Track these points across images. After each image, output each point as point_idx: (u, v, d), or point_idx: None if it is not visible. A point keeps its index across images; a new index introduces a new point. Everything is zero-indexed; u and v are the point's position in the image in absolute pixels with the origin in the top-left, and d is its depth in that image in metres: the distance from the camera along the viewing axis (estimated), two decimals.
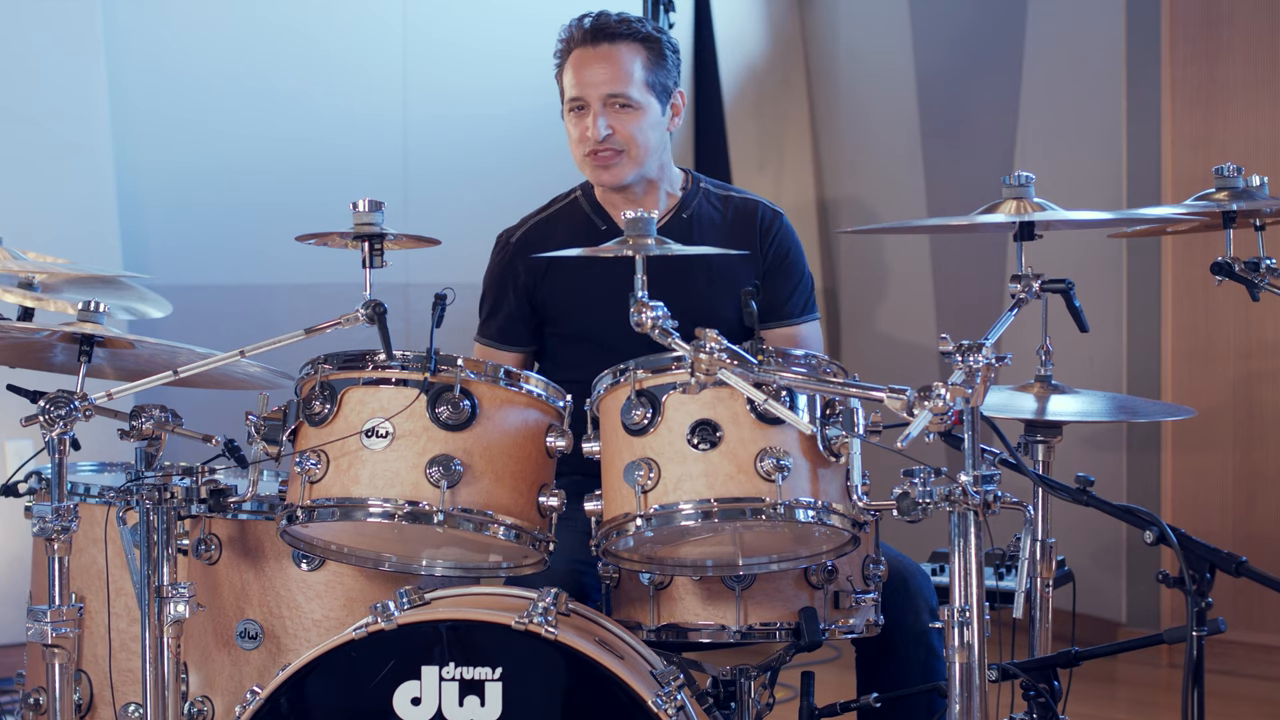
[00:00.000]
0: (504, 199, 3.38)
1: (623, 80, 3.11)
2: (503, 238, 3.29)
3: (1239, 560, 2.47)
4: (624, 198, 3.18)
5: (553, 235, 3.22)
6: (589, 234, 3.18)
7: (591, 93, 3.11)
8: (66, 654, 2.50)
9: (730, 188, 3.33)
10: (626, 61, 3.13)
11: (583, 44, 3.14)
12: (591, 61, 3.12)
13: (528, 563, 2.60)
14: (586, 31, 3.14)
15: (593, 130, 3.10)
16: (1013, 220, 2.62)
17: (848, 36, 6.43)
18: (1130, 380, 5.24)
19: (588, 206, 3.25)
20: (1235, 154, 4.74)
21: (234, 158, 5.36)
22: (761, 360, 2.35)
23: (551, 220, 3.27)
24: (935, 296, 5.96)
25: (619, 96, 3.11)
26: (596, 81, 3.11)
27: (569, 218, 3.26)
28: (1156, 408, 3.34)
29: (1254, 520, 4.99)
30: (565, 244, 3.09)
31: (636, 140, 3.12)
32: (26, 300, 2.90)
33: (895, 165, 6.18)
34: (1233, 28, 5.02)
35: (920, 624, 2.88)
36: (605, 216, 3.22)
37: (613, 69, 3.12)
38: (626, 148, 3.11)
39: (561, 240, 3.16)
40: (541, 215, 3.29)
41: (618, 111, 3.11)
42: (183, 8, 5.37)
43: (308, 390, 2.52)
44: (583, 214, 3.24)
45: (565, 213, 3.28)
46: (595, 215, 3.23)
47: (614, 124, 3.10)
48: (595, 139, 3.10)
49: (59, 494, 2.49)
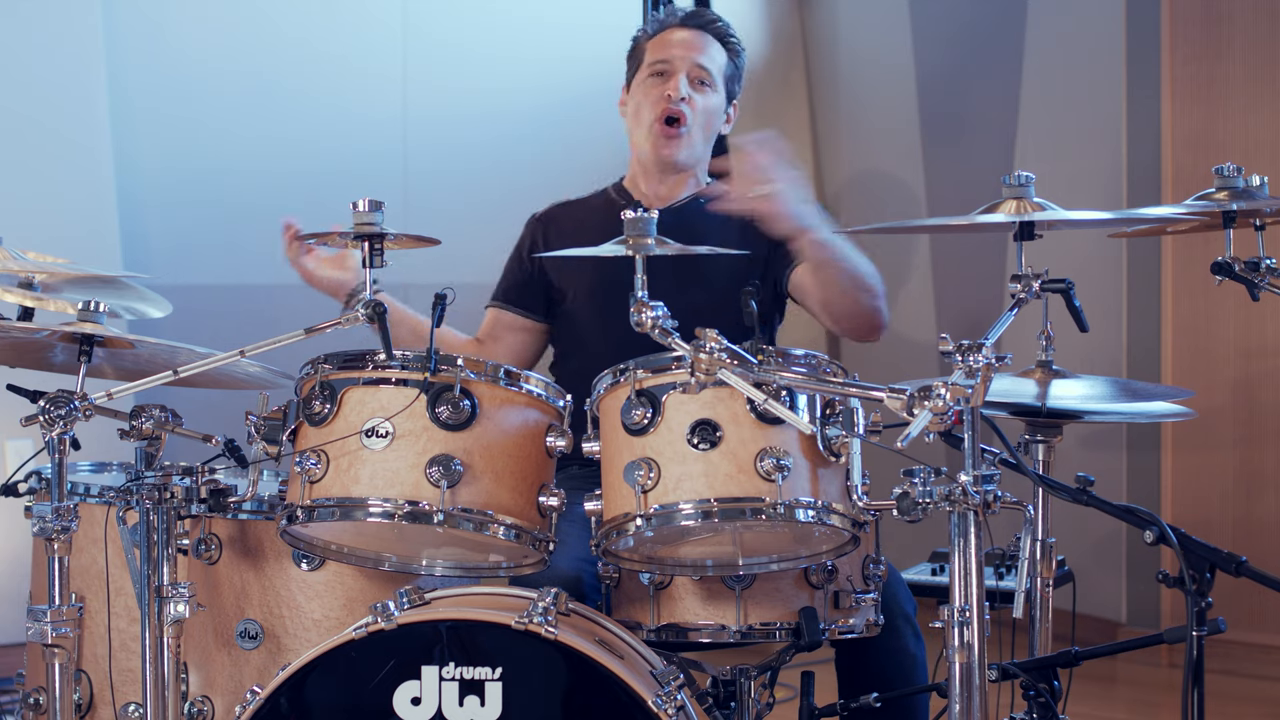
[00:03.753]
0: (504, 199, 3.41)
1: (710, 59, 3.29)
2: (531, 217, 3.47)
3: (1239, 560, 2.47)
4: (655, 180, 3.33)
5: (575, 214, 3.40)
6: (610, 214, 3.22)
7: (680, 56, 3.28)
8: (66, 654, 2.50)
9: None
10: (715, 49, 3.32)
11: (678, 26, 3.33)
12: (685, 37, 3.31)
13: (528, 563, 2.60)
14: (686, 16, 3.35)
15: (674, 90, 3.24)
16: (1013, 220, 2.62)
17: (848, 36, 6.43)
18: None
19: (615, 194, 3.40)
20: (1235, 154, 4.76)
21: (234, 158, 5.36)
22: (761, 360, 2.35)
23: (578, 203, 3.45)
24: (935, 296, 5.96)
25: (704, 70, 3.28)
26: (687, 50, 3.28)
27: (596, 201, 3.42)
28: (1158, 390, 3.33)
29: (1254, 520, 4.99)
30: (585, 222, 3.32)
31: (706, 119, 3.29)
32: (26, 300, 2.89)
33: (895, 165, 6.18)
34: (1232, 27, 5.02)
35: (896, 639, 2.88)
36: (629, 199, 3.36)
37: (703, 47, 3.30)
38: (695, 121, 3.26)
39: (582, 218, 3.36)
40: (569, 199, 3.46)
41: (698, 86, 3.27)
42: (183, 8, 5.37)
43: (308, 390, 2.52)
44: (609, 199, 3.39)
45: (593, 199, 3.44)
46: (620, 198, 3.36)
47: (692, 94, 3.26)
48: (676, 96, 3.23)
49: (59, 494, 2.49)
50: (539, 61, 5.79)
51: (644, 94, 3.30)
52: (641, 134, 3.31)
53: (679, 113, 3.25)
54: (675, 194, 3.34)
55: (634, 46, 3.39)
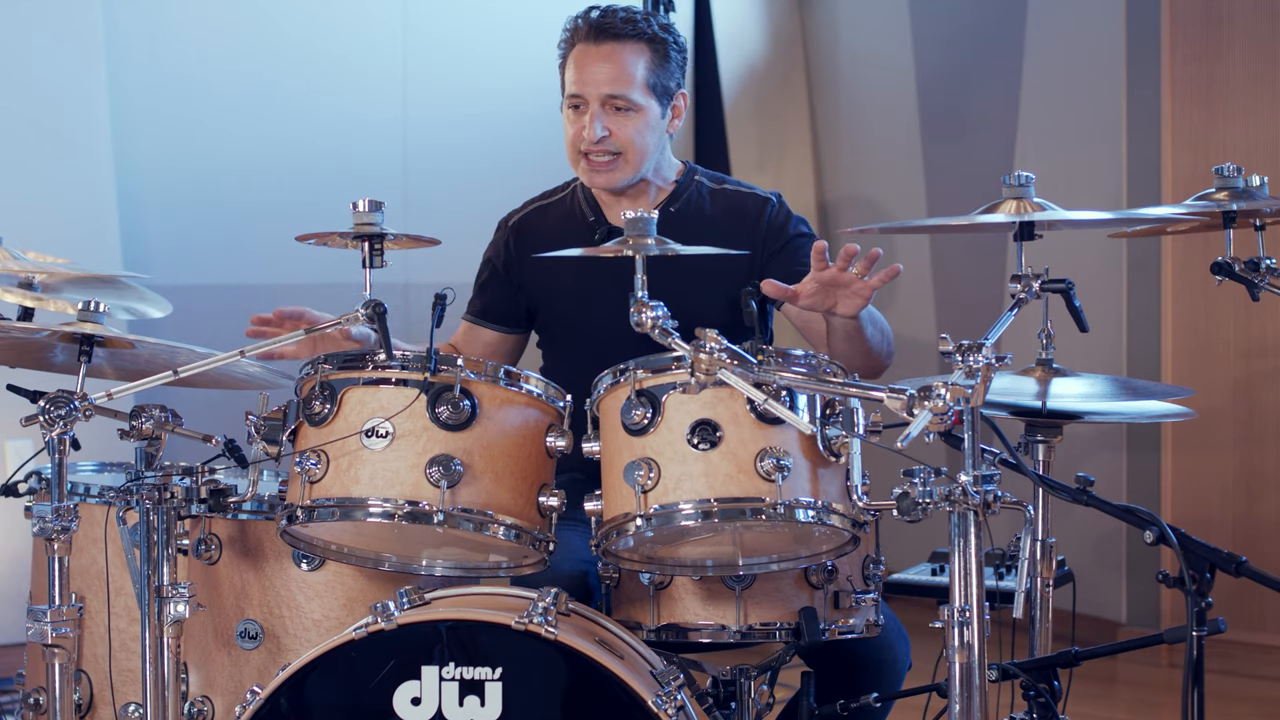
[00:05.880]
0: (504, 199, 3.39)
1: (624, 81, 3.05)
2: (503, 221, 3.32)
3: (1239, 560, 2.47)
4: (613, 194, 3.17)
5: (545, 222, 3.25)
6: (578, 224, 3.20)
7: (591, 91, 3.06)
8: (66, 654, 2.50)
9: (727, 180, 3.26)
10: (629, 62, 3.06)
11: (586, 40, 3.08)
12: (593, 59, 3.07)
13: (528, 563, 2.59)
14: (591, 27, 3.08)
15: (589, 131, 3.05)
16: (1013, 220, 2.62)
17: (848, 36, 6.43)
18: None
19: (581, 197, 3.24)
20: (1235, 154, 4.75)
21: (234, 158, 5.36)
22: (761, 360, 2.35)
23: (547, 208, 3.29)
24: (935, 296, 5.96)
25: (619, 98, 3.05)
26: (597, 81, 3.05)
27: (563, 206, 3.27)
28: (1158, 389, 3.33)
29: (1254, 520, 4.99)
30: (555, 232, 3.18)
31: (634, 144, 3.07)
32: (26, 300, 2.89)
33: (895, 165, 6.18)
34: (1233, 28, 5.02)
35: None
36: (595, 208, 3.21)
37: (614, 68, 3.06)
38: (624, 151, 3.07)
39: (552, 227, 3.21)
40: (540, 203, 3.31)
41: (616, 114, 3.06)
42: (183, 8, 5.37)
43: (308, 390, 2.52)
44: (576, 204, 3.24)
45: (561, 202, 3.28)
46: (587, 206, 3.22)
47: (611, 126, 3.06)
48: (591, 139, 3.06)
49: (59, 494, 2.49)
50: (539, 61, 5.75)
51: (567, 123, 3.11)
52: (574, 164, 3.13)
53: (603, 151, 3.06)
54: (642, 205, 3.14)
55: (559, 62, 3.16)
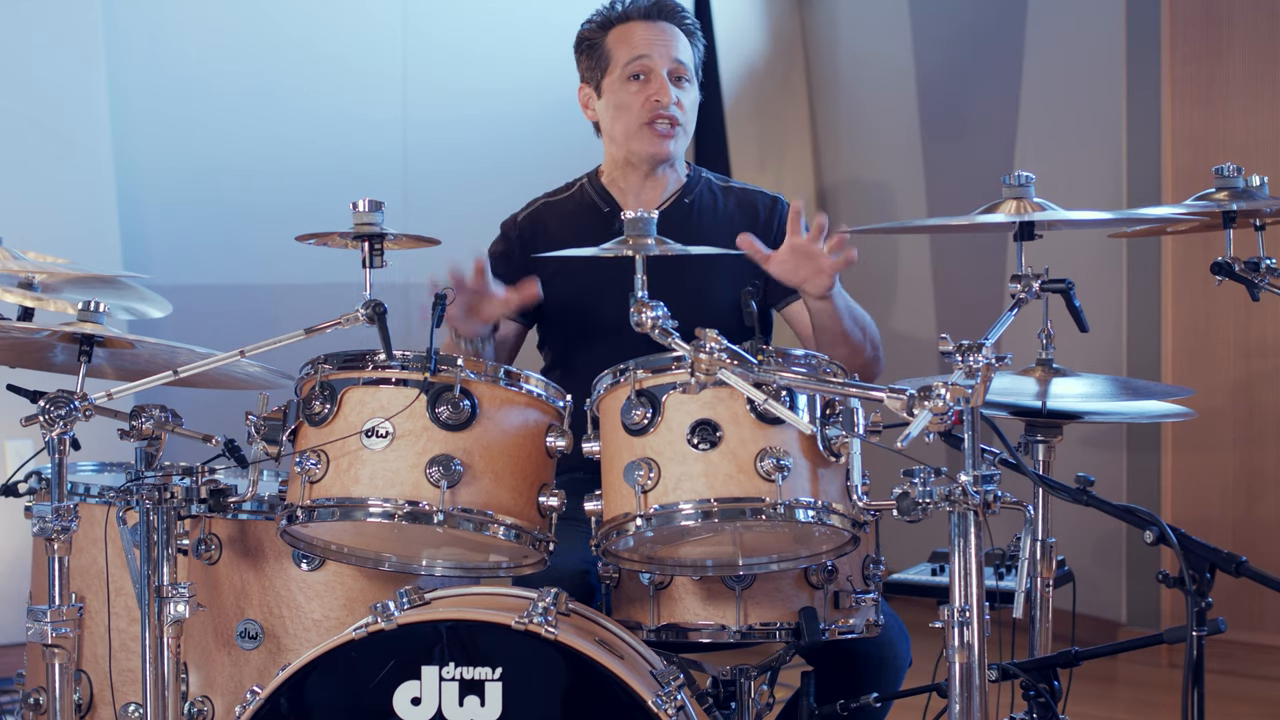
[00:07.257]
0: (504, 199, 3.38)
1: (683, 53, 3.18)
2: (508, 221, 3.31)
3: (1239, 560, 2.47)
4: (639, 176, 3.21)
5: (557, 215, 3.26)
6: (593, 217, 3.21)
7: (661, 55, 3.14)
8: (66, 654, 2.50)
9: (731, 180, 3.35)
10: (683, 43, 3.19)
11: (642, 18, 3.17)
12: (654, 33, 3.16)
13: (528, 563, 2.59)
14: (648, 7, 3.18)
15: (665, 95, 3.12)
16: (1013, 220, 2.62)
17: (848, 36, 6.43)
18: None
19: (592, 190, 3.27)
20: (1235, 154, 4.75)
21: (234, 158, 5.36)
22: (761, 360, 2.35)
23: (555, 204, 3.30)
24: (935, 296, 5.96)
25: (682, 65, 3.17)
26: (664, 50, 3.15)
27: (573, 202, 3.29)
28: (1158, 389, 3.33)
29: (1254, 520, 4.99)
30: (570, 225, 3.20)
31: (691, 118, 3.20)
32: (26, 300, 2.89)
33: (895, 165, 6.18)
34: (1233, 28, 5.02)
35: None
36: (609, 199, 3.24)
37: (676, 43, 3.18)
38: (685, 121, 3.17)
39: (565, 221, 3.22)
40: (547, 199, 3.32)
41: (680, 84, 3.16)
42: (183, 8, 5.38)
43: (308, 390, 2.51)
44: (587, 198, 3.27)
45: (570, 198, 3.30)
46: (600, 198, 3.24)
47: (678, 95, 3.16)
48: (668, 102, 3.12)
49: (59, 494, 2.49)
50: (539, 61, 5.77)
51: (627, 97, 3.14)
52: (628, 134, 3.16)
53: (673, 118, 3.14)
54: (658, 194, 3.22)
55: (587, 39, 3.21)
